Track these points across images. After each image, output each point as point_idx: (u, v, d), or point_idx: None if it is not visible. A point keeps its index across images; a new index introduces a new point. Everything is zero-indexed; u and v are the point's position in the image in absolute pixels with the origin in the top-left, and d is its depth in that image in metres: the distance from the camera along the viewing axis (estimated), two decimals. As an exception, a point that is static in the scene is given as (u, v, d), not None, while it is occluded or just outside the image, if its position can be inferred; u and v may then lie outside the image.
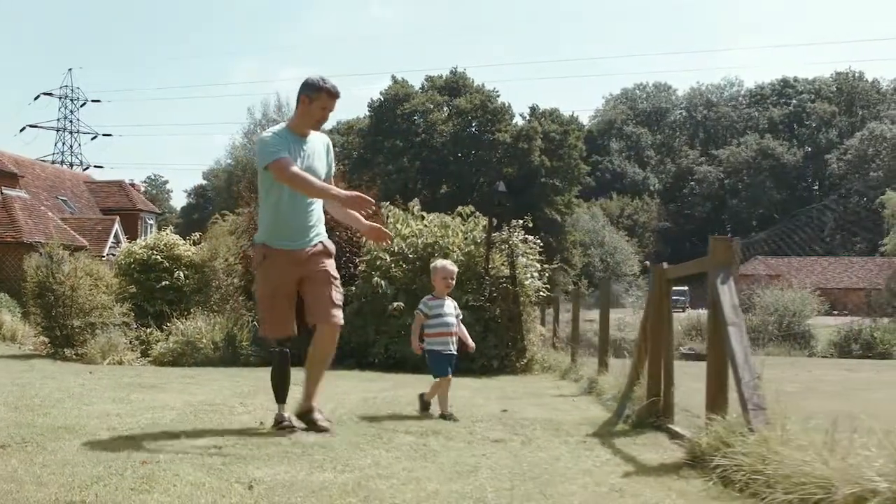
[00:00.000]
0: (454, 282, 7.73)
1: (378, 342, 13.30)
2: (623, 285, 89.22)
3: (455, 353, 7.55)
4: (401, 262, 13.50)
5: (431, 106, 74.20)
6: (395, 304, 12.91)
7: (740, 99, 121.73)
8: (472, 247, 13.79)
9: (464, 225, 14.41)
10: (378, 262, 13.40)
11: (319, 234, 6.39)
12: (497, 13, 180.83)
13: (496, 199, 16.44)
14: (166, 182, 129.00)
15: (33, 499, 3.75)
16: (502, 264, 13.80)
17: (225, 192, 53.88)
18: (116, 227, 41.68)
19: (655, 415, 6.87)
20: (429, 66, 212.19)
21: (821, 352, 37.12)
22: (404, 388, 9.72)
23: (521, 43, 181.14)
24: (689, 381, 7.05)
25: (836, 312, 44.52)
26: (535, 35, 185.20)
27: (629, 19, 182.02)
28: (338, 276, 6.39)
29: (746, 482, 3.99)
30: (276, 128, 6.31)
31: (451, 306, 7.61)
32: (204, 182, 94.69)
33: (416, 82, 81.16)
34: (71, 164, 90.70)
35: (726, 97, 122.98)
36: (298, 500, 3.93)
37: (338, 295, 6.25)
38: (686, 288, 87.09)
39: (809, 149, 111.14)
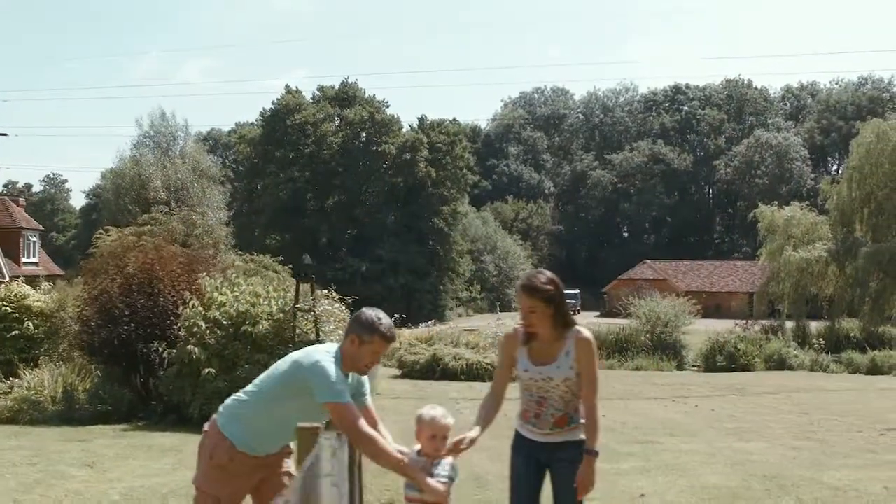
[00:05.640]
0: (446, 442, 5.31)
1: (194, 402, 14.38)
2: (515, 289, 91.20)
3: None
4: (215, 329, 14.55)
5: (322, 117, 75.03)
6: (207, 370, 13.95)
7: (635, 104, 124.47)
8: (282, 315, 14.90)
9: (276, 293, 15.53)
10: (195, 330, 14.42)
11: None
12: (398, 18, 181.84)
13: (302, 272, 17.42)
14: (65, 181, 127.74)
15: None
16: (308, 331, 14.96)
17: (113, 204, 53.88)
18: (-2, 258, 41.72)
19: None
20: (328, 68, 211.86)
21: (691, 362, 38.33)
22: (182, 472, 10.53)
23: (415, 49, 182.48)
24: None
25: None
26: (432, 42, 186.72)
27: (529, 27, 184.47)
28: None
29: None
30: (331, 357, 5.30)
31: (444, 468, 5.28)
32: (103, 182, 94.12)
33: (313, 85, 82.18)
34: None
35: (622, 102, 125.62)
36: None
37: None
38: (577, 291, 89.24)
39: (701, 154, 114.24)
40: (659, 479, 10.48)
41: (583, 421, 5.41)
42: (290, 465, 5.64)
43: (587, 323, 42.46)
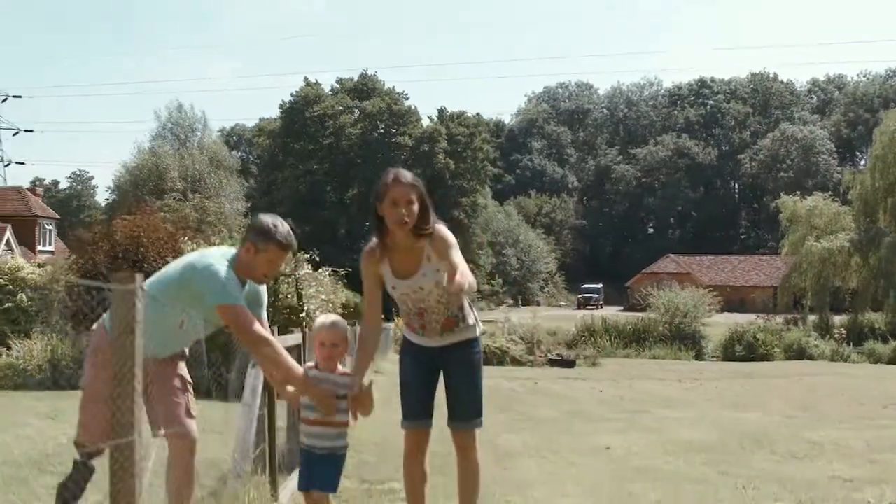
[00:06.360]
0: (340, 347, 5.02)
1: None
2: (538, 283, 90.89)
3: (334, 452, 4.97)
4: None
5: (341, 108, 74.87)
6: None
7: (659, 98, 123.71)
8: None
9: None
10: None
11: None
12: (424, 13, 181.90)
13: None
14: (92, 178, 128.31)
15: None
16: (288, 295, 14.71)
17: (131, 196, 54.00)
18: (8, 234, 41.89)
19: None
20: (352, 63, 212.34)
21: (710, 352, 38.04)
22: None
23: (440, 43, 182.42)
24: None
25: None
26: (456, 36, 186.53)
27: (552, 20, 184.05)
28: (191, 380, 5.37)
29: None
30: (225, 262, 5.04)
31: (335, 384, 4.93)
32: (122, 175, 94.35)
33: (334, 79, 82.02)
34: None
35: (646, 96, 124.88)
36: None
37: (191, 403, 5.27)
38: (600, 285, 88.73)
39: (726, 148, 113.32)
40: (632, 435, 10.19)
41: (471, 322, 5.14)
42: (183, 368, 5.35)
43: (605, 314, 42.47)
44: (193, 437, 5.12)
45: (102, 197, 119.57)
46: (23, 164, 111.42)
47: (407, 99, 78.03)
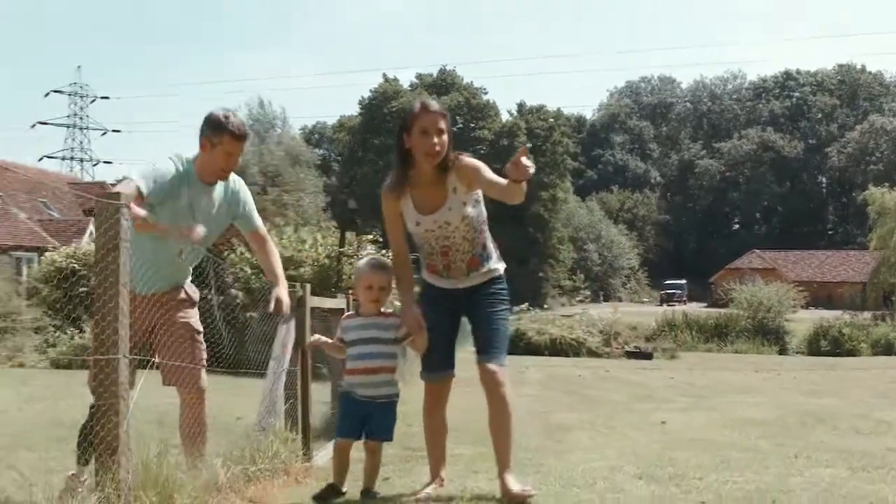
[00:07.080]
0: (387, 291, 4.97)
1: (240, 347, 14.38)
2: (620, 279, 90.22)
3: (378, 399, 4.85)
4: (260, 275, 14.45)
5: (419, 104, 75.33)
6: (250, 314, 13.86)
7: (743, 92, 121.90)
8: (327, 260, 14.73)
9: (324, 240, 15.39)
10: (240, 275, 14.37)
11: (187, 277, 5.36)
12: (502, 8, 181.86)
13: (348, 216, 17.21)
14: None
15: None
16: (352, 276, 14.70)
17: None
18: (91, 227, 42.66)
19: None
20: (438, 61, 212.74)
21: (795, 347, 37.36)
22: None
23: (523, 39, 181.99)
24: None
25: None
26: (538, 30, 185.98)
27: (632, 15, 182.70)
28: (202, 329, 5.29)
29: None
30: (179, 159, 5.08)
31: (383, 328, 4.89)
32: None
33: (413, 75, 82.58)
34: (81, 161, 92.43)
35: (730, 90, 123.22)
36: None
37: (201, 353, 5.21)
38: (684, 281, 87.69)
39: (812, 142, 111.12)
40: (693, 414, 9.96)
41: (494, 262, 5.00)
42: (190, 315, 5.25)
43: (687, 309, 41.97)
44: (201, 386, 5.11)
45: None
46: (110, 163, 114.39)
47: (486, 94, 78.29)
